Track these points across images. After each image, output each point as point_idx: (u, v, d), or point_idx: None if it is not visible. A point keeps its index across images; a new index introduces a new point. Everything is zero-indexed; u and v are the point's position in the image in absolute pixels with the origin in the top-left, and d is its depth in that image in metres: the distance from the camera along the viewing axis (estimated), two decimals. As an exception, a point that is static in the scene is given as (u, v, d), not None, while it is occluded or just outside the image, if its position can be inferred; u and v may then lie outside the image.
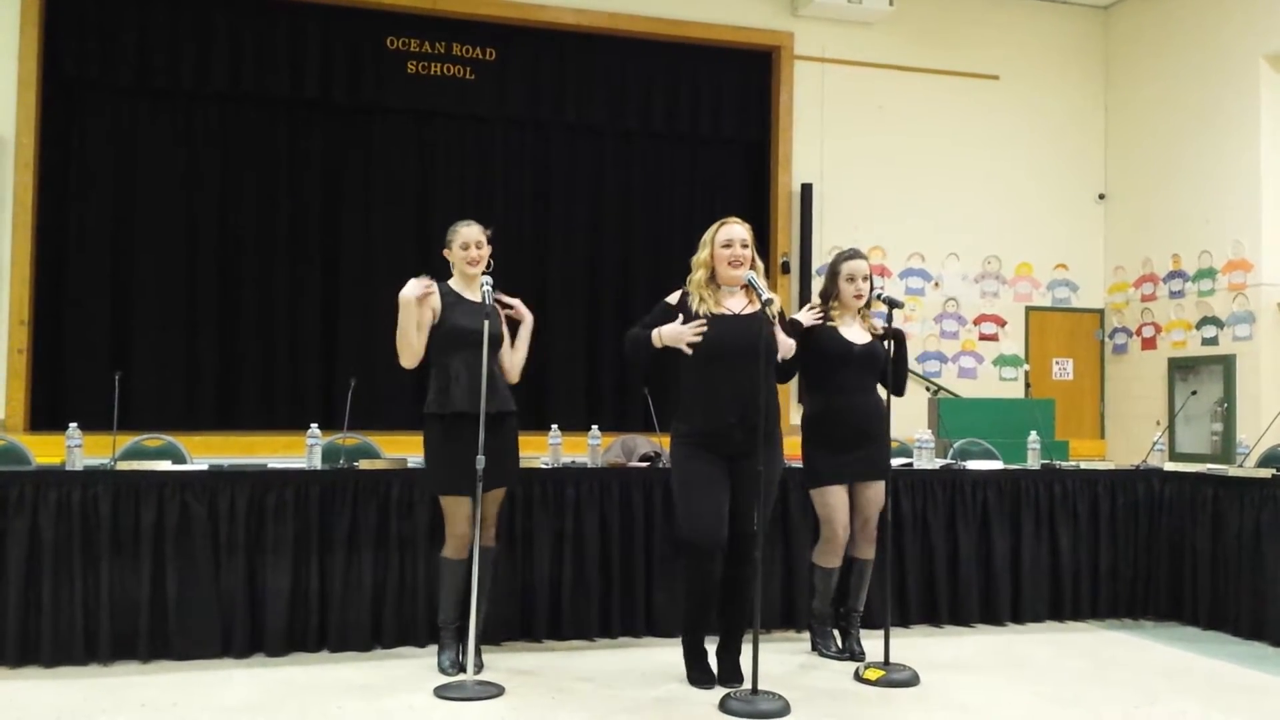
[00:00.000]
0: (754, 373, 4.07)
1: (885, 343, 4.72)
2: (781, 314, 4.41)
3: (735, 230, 4.26)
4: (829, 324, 4.75)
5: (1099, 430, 10.34)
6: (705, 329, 4.11)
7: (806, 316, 4.66)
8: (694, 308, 4.22)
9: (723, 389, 4.12)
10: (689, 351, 4.13)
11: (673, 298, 4.32)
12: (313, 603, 4.75)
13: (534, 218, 9.41)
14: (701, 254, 4.31)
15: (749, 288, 4.23)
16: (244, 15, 8.56)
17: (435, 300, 4.47)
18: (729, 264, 4.23)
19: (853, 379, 4.70)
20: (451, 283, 4.57)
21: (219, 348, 8.63)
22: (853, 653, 4.77)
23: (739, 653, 4.28)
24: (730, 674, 4.25)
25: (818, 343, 4.71)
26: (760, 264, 4.30)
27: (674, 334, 4.14)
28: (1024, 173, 10.21)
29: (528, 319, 4.65)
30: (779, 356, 4.30)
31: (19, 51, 8.03)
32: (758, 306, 4.17)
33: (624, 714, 3.99)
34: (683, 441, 4.20)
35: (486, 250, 4.55)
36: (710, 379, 4.14)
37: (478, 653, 4.46)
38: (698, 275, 4.29)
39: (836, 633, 4.89)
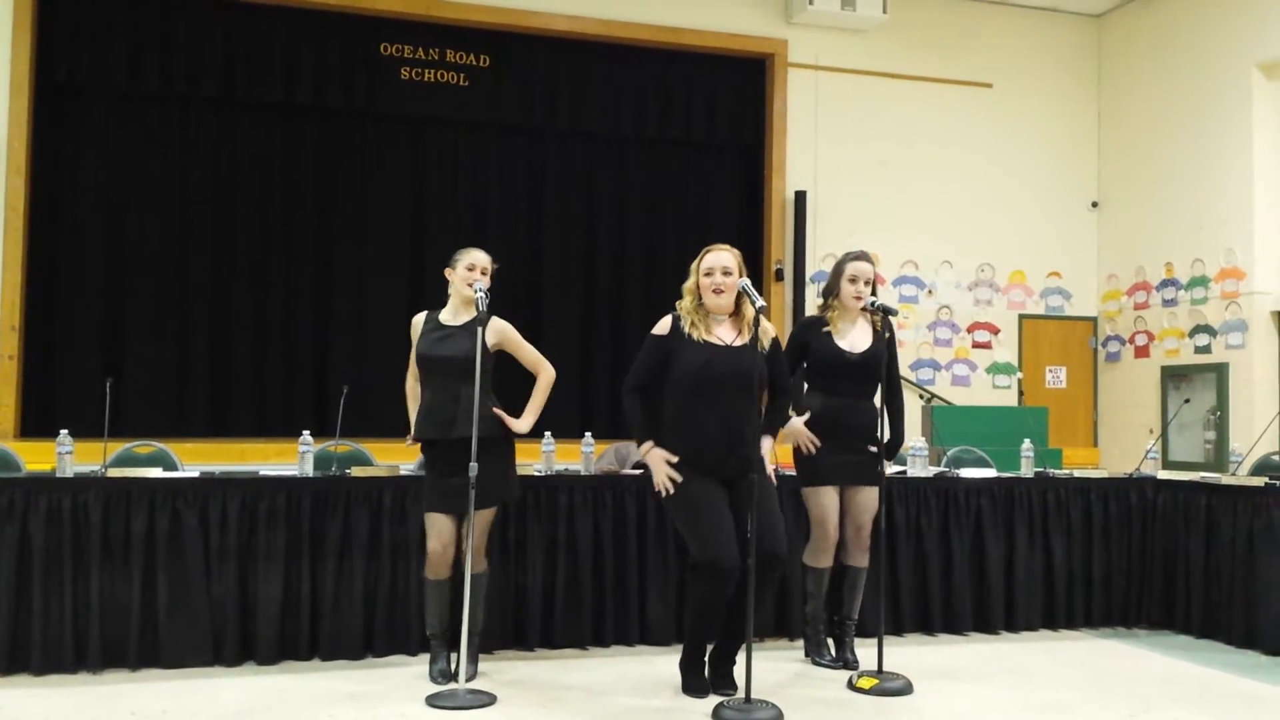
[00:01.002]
0: (742, 405, 4.08)
1: (882, 323, 4.72)
2: (776, 342, 4.39)
3: (719, 258, 4.26)
4: (825, 330, 4.75)
5: (1092, 438, 10.34)
6: (677, 480, 4.13)
7: (797, 439, 4.69)
8: (686, 331, 4.22)
9: (710, 420, 4.13)
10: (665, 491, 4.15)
11: (663, 327, 4.29)
12: (304, 611, 4.73)
13: (528, 224, 9.39)
14: (689, 281, 4.33)
15: (739, 316, 4.25)
16: (237, 21, 8.54)
17: (415, 332, 4.55)
18: (712, 292, 4.24)
19: (848, 385, 4.71)
20: (444, 309, 4.57)
21: (211, 354, 8.59)
22: (846, 662, 4.76)
23: (734, 662, 4.26)
24: (724, 683, 4.24)
25: (815, 350, 4.72)
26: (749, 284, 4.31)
27: (655, 465, 4.16)
28: (1017, 180, 10.23)
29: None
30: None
31: (11, 56, 8.00)
32: (747, 338, 4.20)
33: (617, 723, 3.98)
34: (679, 463, 4.17)
35: (488, 282, 4.51)
36: (697, 410, 4.15)
37: (474, 661, 4.45)
38: (687, 301, 4.30)
39: (830, 641, 4.88)
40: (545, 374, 4.61)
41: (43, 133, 8.24)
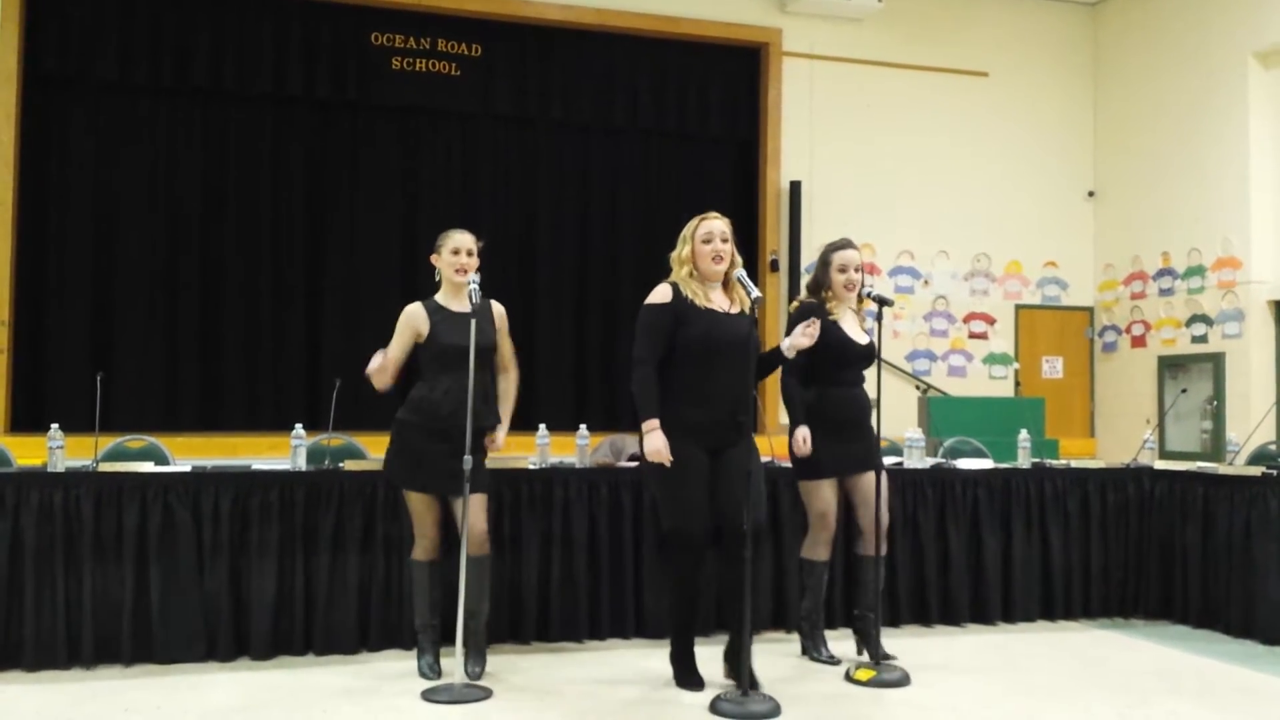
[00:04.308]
0: (744, 370, 4.06)
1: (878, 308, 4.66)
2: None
3: (715, 225, 4.22)
4: (830, 318, 4.68)
5: (1089, 429, 10.34)
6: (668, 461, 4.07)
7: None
8: (690, 299, 4.16)
9: (716, 385, 4.11)
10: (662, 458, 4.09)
11: (663, 295, 4.20)
12: (298, 605, 4.70)
13: (520, 215, 9.36)
14: (682, 250, 4.25)
15: (729, 285, 4.22)
16: (226, 11, 8.50)
17: (422, 323, 4.40)
18: (711, 260, 4.19)
19: (851, 375, 4.68)
20: (439, 296, 4.50)
21: (202, 348, 8.56)
22: (875, 655, 4.63)
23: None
24: (738, 675, 4.17)
25: (824, 338, 4.64)
26: (739, 258, 4.27)
27: (653, 444, 4.05)
28: (1013, 170, 10.21)
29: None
30: (788, 353, 4.31)
31: (-1, 48, 7.97)
32: (739, 306, 4.17)
33: (613, 716, 3.95)
34: (667, 429, 4.11)
35: (476, 262, 4.46)
36: (705, 375, 4.12)
37: (481, 657, 4.42)
38: (682, 272, 4.24)
39: (827, 634, 4.83)
40: (513, 379, 4.55)
41: (31, 125, 8.21)
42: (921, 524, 5.48)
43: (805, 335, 4.28)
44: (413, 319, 4.42)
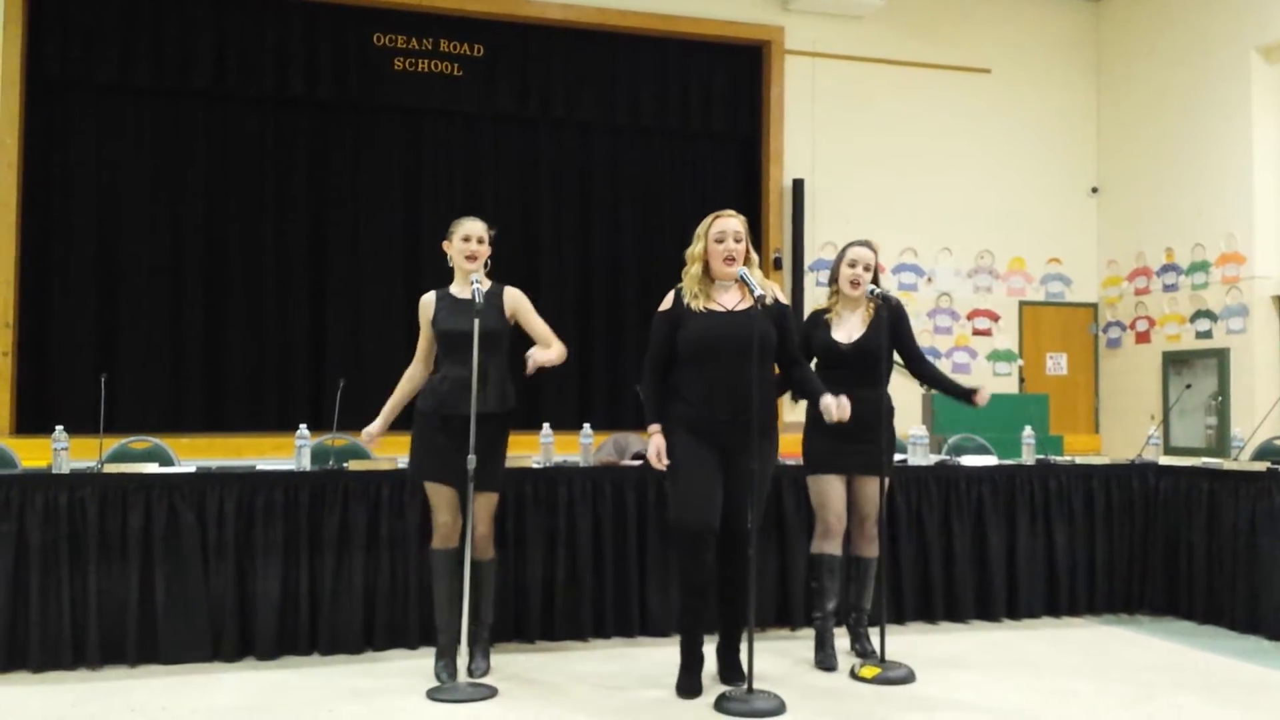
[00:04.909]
0: (746, 369, 4.02)
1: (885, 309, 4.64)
2: (786, 309, 4.32)
3: (729, 224, 4.19)
4: (825, 317, 4.71)
5: (1093, 425, 10.33)
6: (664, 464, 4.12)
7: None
8: (687, 303, 4.18)
9: (715, 385, 4.08)
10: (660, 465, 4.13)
11: (666, 303, 4.24)
12: (303, 605, 4.71)
13: (523, 215, 9.35)
14: (696, 248, 4.25)
15: (743, 282, 4.19)
16: (228, 12, 8.50)
17: (429, 309, 4.48)
18: (723, 260, 4.18)
19: (845, 375, 4.62)
20: (452, 288, 4.52)
21: (206, 348, 8.56)
22: (863, 652, 4.70)
23: (738, 651, 4.22)
24: (731, 673, 4.20)
25: (813, 341, 4.68)
26: (755, 256, 4.26)
27: (652, 446, 4.14)
28: (1016, 166, 10.19)
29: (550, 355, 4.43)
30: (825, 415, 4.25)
31: (2, 51, 7.96)
32: (752, 301, 4.13)
33: (618, 714, 3.96)
34: (676, 426, 4.13)
35: (486, 250, 4.49)
36: (703, 375, 4.10)
37: (485, 656, 4.45)
38: (693, 269, 4.23)
39: (836, 637, 4.79)
40: (557, 346, 4.47)
41: (34, 127, 8.22)
42: (926, 521, 5.48)
43: (839, 410, 4.21)
44: (423, 307, 4.53)
